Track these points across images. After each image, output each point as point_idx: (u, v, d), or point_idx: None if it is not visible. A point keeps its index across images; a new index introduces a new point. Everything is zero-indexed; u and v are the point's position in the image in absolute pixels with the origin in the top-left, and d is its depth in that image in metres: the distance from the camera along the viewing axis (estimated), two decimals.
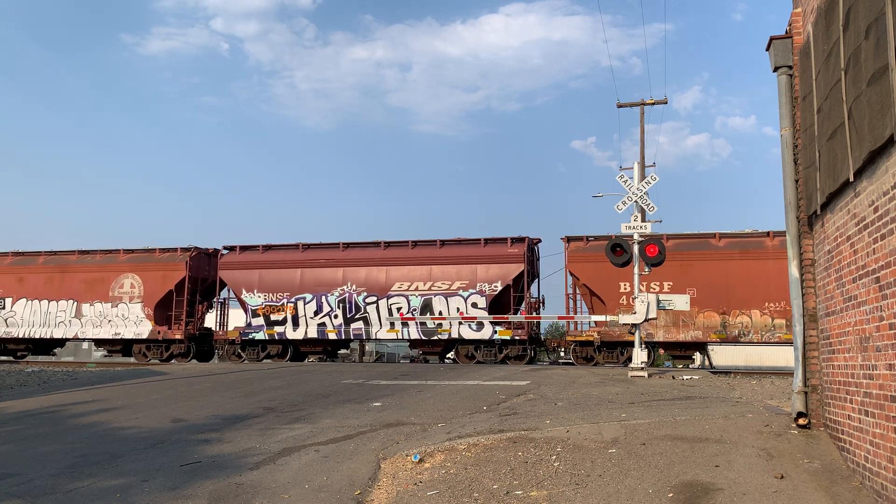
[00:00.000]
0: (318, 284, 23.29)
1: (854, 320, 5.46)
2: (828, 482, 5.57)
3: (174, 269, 24.49)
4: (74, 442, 8.45)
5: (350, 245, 23.72)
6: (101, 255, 25.53)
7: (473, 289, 22.07)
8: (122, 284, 24.80)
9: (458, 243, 22.93)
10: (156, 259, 24.80)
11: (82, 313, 24.98)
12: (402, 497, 5.99)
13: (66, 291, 25.30)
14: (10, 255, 26.51)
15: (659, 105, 31.16)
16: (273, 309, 23.38)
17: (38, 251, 26.33)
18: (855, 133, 4.97)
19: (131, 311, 24.51)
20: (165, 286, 24.42)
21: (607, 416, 8.30)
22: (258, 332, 23.41)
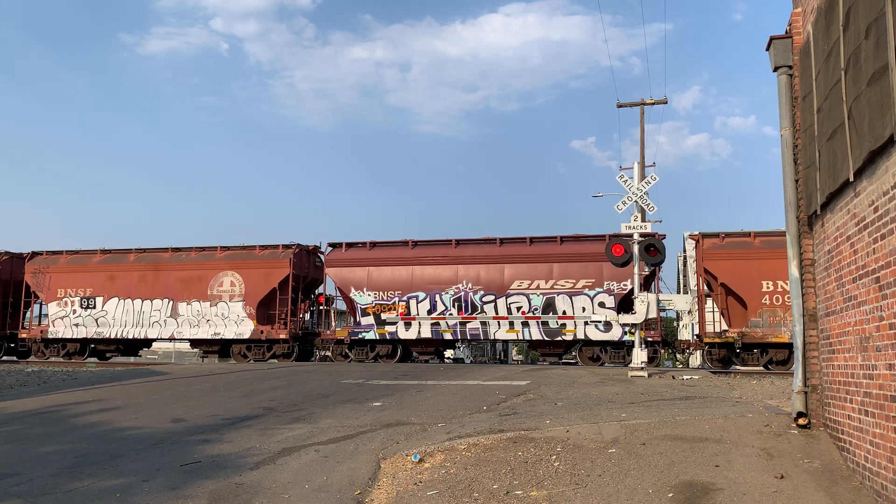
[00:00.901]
0: (430, 283, 22.28)
1: (854, 320, 5.46)
2: (828, 482, 5.57)
3: (277, 267, 23.43)
4: (74, 442, 8.45)
5: (462, 242, 22.61)
6: (197, 252, 24.58)
7: (600, 287, 20.95)
8: (222, 283, 23.75)
9: (579, 240, 21.80)
10: (256, 256, 23.79)
11: (178, 312, 24.01)
12: (402, 497, 5.99)
13: (161, 290, 24.32)
14: (99, 252, 25.46)
15: (659, 105, 31.17)
16: (384, 308, 22.41)
17: (128, 248, 25.35)
18: (855, 133, 4.97)
19: (231, 310, 23.49)
20: (268, 284, 23.39)
21: (607, 416, 8.30)
22: (368, 332, 22.45)
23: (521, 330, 21.30)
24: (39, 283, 25.58)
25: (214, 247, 24.51)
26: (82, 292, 25.00)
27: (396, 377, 14.81)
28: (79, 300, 25.00)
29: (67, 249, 25.78)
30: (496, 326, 21.54)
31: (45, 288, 25.46)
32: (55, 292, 25.38)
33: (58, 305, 25.22)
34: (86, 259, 25.40)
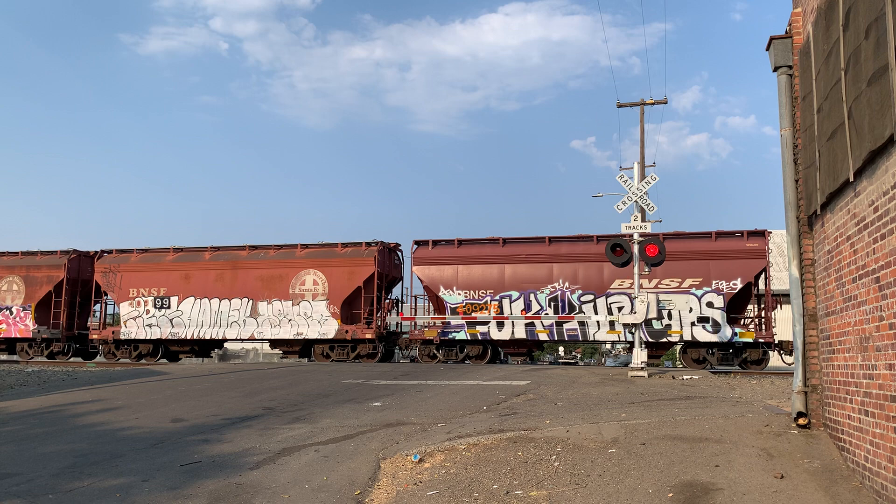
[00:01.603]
0: (524, 281, 21.48)
1: (854, 320, 5.46)
2: (828, 482, 5.57)
3: (362, 265, 22.79)
4: (74, 442, 8.45)
5: (556, 239, 21.81)
6: (276, 250, 23.91)
7: (708, 287, 20.10)
8: (304, 281, 23.03)
9: (681, 237, 21.01)
10: (339, 254, 23.15)
11: (258, 312, 23.25)
12: (402, 497, 5.99)
13: (240, 289, 23.58)
14: (172, 250, 24.84)
15: (659, 105, 31.18)
16: (475, 307, 21.62)
17: (202, 246, 24.71)
18: (855, 133, 4.97)
19: (315, 309, 22.79)
20: (352, 283, 22.75)
21: (607, 416, 8.30)
22: (458, 332, 21.66)
23: (622, 331, 20.29)
24: (110, 282, 24.95)
25: (294, 244, 23.83)
26: (156, 291, 24.36)
27: (396, 377, 14.82)
28: (152, 300, 24.34)
29: (138, 248, 25.21)
30: (595, 327, 20.78)
31: (116, 287, 24.83)
32: (127, 292, 24.75)
33: (130, 305, 24.59)
34: (158, 258, 24.75)
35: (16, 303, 25.76)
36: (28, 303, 25.67)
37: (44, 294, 25.57)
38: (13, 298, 25.85)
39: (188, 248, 24.83)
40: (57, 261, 25.67)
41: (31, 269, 25.84)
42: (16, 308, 25.72)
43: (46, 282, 25.61)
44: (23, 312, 25.60)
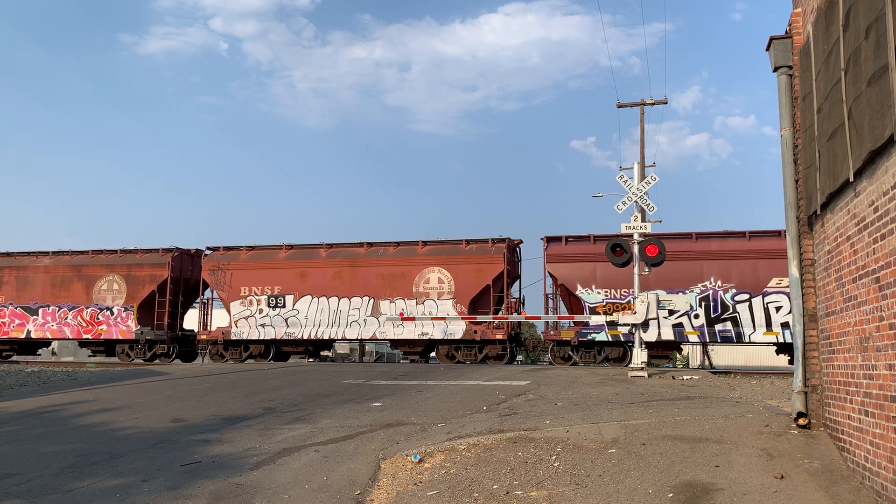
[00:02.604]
0: (671, 280, 20.18)
1: (854, 320, 5.46)
2: (828, 482, 5.57)
3: (490, 262, 21.78)
4: (74, 442, 8.45)
5: (703, 236, 20.75)
6: (395, 247, 22.90)
7: None
8: (428, 279, 22.07)
9: None
10: (464, 251, 22.18)
11: (380, 311, 22.26)
12: (401, 497, 5.99)
13: (360, 287, 22.56)
14: (284, 247, 23.85)
15: (658, 105, 31.17)
16: (616, 307, 20.43)
17: (317, 243, 23.68)
18: (855, 133, 4.97)
19: (441, 308, 21.84)
20: (480, 281, 21.76)
21: (607, 416, 8.30)
22: (598, 333, 20.55)
23: (780, 332, 19.48)
24: (219, 280, 23.90)
25: (416, 241, 22.85)
26: (269, 290, 23.28)
27: (396, 377, 14.81)
28: (266, 299, 23.26)
29: (247, 245, 24.24)
30: (751, 328, 19.77)
31: (226, 286, 23.80)
32: (238, 290, 23.68)
33: (241, 304, 23.55)
34: (271, 255, 23.76)
35: (116, 303, 24.68)
36: (130, 303, 24.55)
37: (147, 294, 24.52)
38: (113, 298, 24.77)
39: (301, 244, 23.83)
40: (160, 259, 24.67)
41: (132, 268, 24.77)
42: (117, 308, 24.64)
43: (149, 281, 24.57)
44: (124, 313, 24.50)
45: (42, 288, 25.54)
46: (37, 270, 25.76)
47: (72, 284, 25.28)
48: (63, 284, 25.37)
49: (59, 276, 25.48)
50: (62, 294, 25.30)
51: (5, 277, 25.98)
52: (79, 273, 25.28)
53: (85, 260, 25.40)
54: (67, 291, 25.24)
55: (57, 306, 25.26)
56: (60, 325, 25.12)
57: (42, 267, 25.71)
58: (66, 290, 25.25)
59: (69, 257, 25.63)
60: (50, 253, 26.01)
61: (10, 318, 25.69)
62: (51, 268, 25.60)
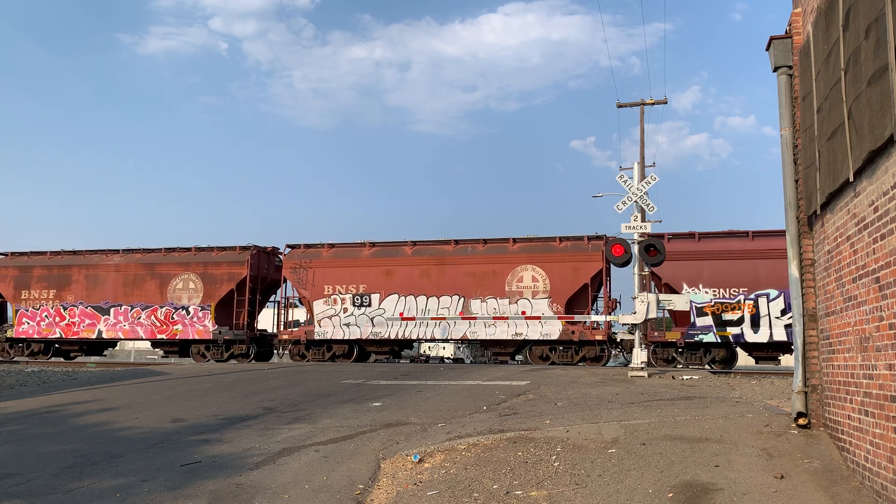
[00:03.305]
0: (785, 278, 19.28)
1: (854, 320, 5.46)
2: (828, 482, 5.57)
3: (587, 260, 20.91)
4: (74, 442, 8.45)
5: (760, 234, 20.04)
6: (484, 244, 22.01)
7: None
8: (521, 278, 21.15)
9: None
10: (559, 249, 21.26)
11: (471, 310, 21.46)
12: (401, 497, 5.99)
13: (449, 286, 21.76)
14: (368, 245, 23.09)
15: (658, 105, 31.18)
16: (725, 307, 19.54)
17: (401, 241, 22.93)
18: (855, 133, 4.97)
19: (535, 308, 21.01)
20: (577, 280, 20.92)
21: (607, 416, 8.30)
22: (706, 334, 19.67)
23: None
24: (301, 279, 23.08)
25: (506, 238, 21.99)
26: (354, 289, 22.44)
27: (396, 377, 14.81)
28: (350, 297, 22.38)
29: (328, 242, 23.49)
30: None
31: (308, 284, 22.94)
32: (321, 289, 22.83)
33: (325, 303, 22.73)
34: (354, 252, 23.05)
35: (193, 302, 23.87)
36: (207, 302, 23.72)
37: (225, 292, 23.67)
38: (190, 297, 23.97)
39: (385, 242, 23.03)
40: (238, 257, 23.85)
41: (208, 266, 23.94)
42: (193, 308, 23.84)
43: (227, 279, 23.70)
44: (201, 312, 23.70)
45: (114, 287, 24.81)
46: (107, 269, 25.02)
47: (145, 283, 24.56)
48: (136, 283, 24.65)
49: (130, 274, 24.75)
50: (135, 293, 24.58)
51: (74, 276, 25.25)
52: (151, 271, 24.57)
53: (158, 258, 24.68)
54: (140, 290, 24.54)
55: (129, 306, 24.55)
56: (133, 324, 24.43)
57: (113, 265, 24.97)
58: (139, 289, 24.56)
59: (140, 255, 24.96)
60: (120, 251, 25.35)
61: (80, 317, 24.97)
62: (122, 266, 24.87)
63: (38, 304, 25.51)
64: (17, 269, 26.00)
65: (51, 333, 25.19)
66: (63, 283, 25.38)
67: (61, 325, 25.15)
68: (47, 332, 25.24)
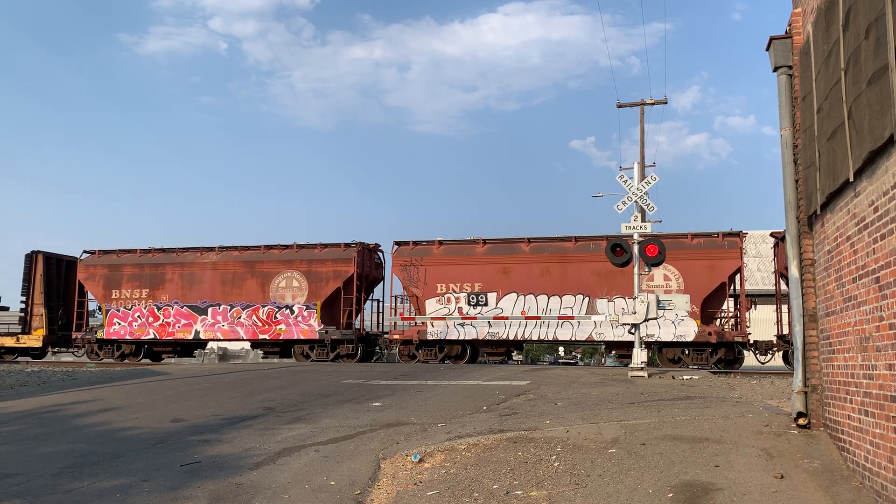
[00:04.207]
0: None
1: (854, 320, 5.46)
2: (828, 482, 5.57)
3: (724, 258, 19.88)
4: (74, 442, 8.45)
5: None
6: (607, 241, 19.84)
7: None
8: (652, 276, 20.11)
9: None
10: (691, 246, 20.26)
11: (597, 310, 20.56)
12: (401, 497, 5.99)
13: (573, 285, 20.78)
14: (481, 241, 22.03)
15: (658, 105, 31.19)
16: None
17: (517, 237, 21.74)
18: (855, 133, 4.97)
19: None
20: (714, 278, 19.85)
21: (607, 416, 8.30)
22: None
23: None
24: (412, 276, 22.07)
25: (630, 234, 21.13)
26: (469, 287, 21.30)
27: (396, 377, 14.81)
28: (465, 296, 21.31)
29: (438, 239, 22.43)
30: None
31: (420, 282, 21.93)
32: (433, 287, 21.77)
33: (438, 302, 21.74)
34: (467, 249, 21.97)
35: (297, 301, 22.85)
36: (312, 300, 22.73)
37: (331, 291, 22.67)
38: (294, 296, 22.94)
39: (499, 238, 21.91)
40: (343, 254, 22.90)
41: (312, 264, 22.93)
42: (297, 307, 22.81)
43: (333, 277, 22.70)
44: (306, 311, 22.69)
45: (211, 285, 23.75)
46: (204, 267, 23.93)
47: (245, 282, 23.46)
48: (235, 282, 23.55)
49: (229, 272, 23.69)
50: (234, 292, 23.50)
51: (168, 275, 24.22)
52: (252, 269, 23.49)
53: (257, 256, 23.67)
54: (240, 289, 23.46)
55: (229, 305, 23.48)
56: (233, 324, 23.40)
57: (210, 263, 23.90)
58: (239, 288, 23.47)
59: (238, 253, 23.97)
60: (216, 248, 24.34)
61: (175, 318, 24.02)
62: (219, 264, 23.80)
63: (130, 304, 24.49)
64: (106, 267, 24.94)
65: (144, 334, 24.19)
66: (156, 281, 24.38)
67: (155, 325, 24.13)
68: (140, 332, 24.24)
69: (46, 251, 26.09)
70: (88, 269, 25.20)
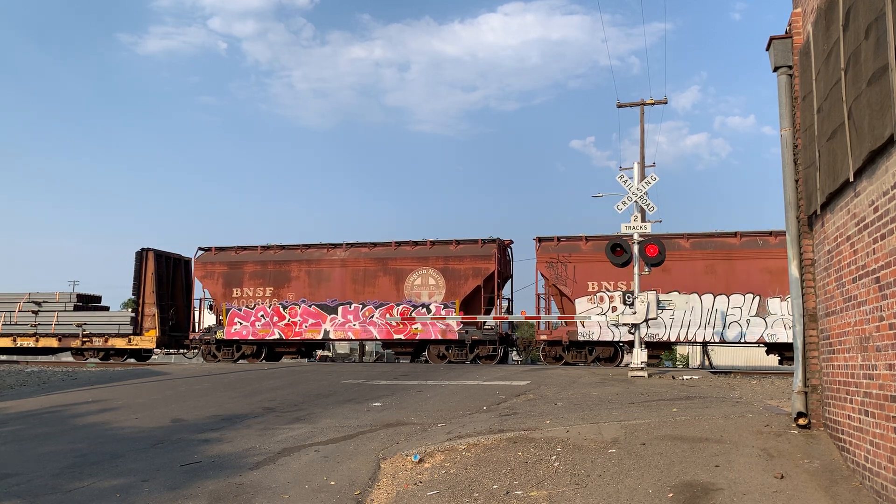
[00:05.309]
0: None
1: (854, 320, 5.46)
2: (828, 482, 5.57)
3: None
4: (74, 442, 8.45)
5: None
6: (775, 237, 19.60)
7: None
8: None
9: None
10: None
11: (768, 310, 19.29)
12: (402, 497, 5.99)
13: (741, 283, 19.62)
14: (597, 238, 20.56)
15: (658, 105, 31.18)
16: None
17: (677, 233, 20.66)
18: (855, 133, 4.97)
19: None
20: None
21: (607, 416, 8.30)
22: None
23: None
24: (559, 274, 21.06)
25: None
26: (624, 285, 20.32)
27: (396, 377, 14.81)
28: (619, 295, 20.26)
29: (584, 235, 21.30)
30: None
31: (569, 280, 20.88)
32: (584, 286, 20.74)
33: (589, 301, 20.85)
34: None
35: (434, 299, 22.01)
36: (450, 299, 21.90)
37: (470, 289, 21.84)
38: (430, 294, 22.10)
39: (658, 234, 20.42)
40: (482, 251, 22.06)
41: (450, 261, 22.10)
42: (434, 305, 21.95)
43: (472, 275, 21.89)
44: (444, 311, 21.83)
45: (340, 283, 22.84)
46: (332, 264, 23.08)
47: (377, 279, 22.61)
48: (366, 279, 22.72)
49: (359, 270, 22.83)
50: (366, 290, 22.65)
51: (294, 273, 23.30)
52: (384, 267, 22.66)
53: (388, 252, 22.86)
54: (372, 287, 22.61)
55: (360, 304, 22.61)
56: (365, 324, 22.49)
57: (338, 261, 23.06)
58: (371, 286, 22.63)
59: (367, 249, 23.15)
60: (344, 245, 23.42)
61: (302, 317, 23.04)
62: (349, 261, 22.99)
63: (253, 303, 23.51)
64: (225, 265, 24.01)
65: (268, 335, 23.21)
66: (280, 279, 23.40)
67: (280, 325, 23.12)
68: (264, 332, 23.24)
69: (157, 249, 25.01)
70: (206, 267, 24.25)
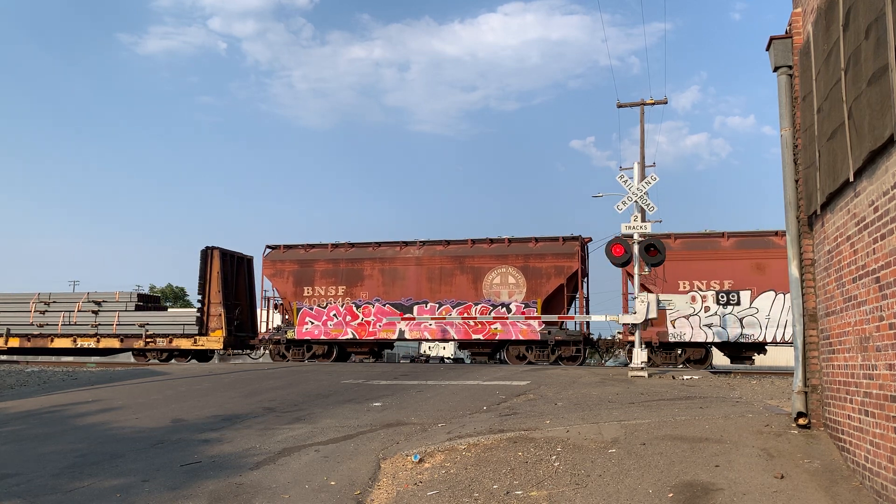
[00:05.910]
0: None
1: (854, 320, 5.46)
2: (828, 482, 5.57)
3: None
4: (74, 442, 8.45)
5: None
6: None
7: None
8: None
9: None
10: None
11: None
12: (402, 497, 5.99)
13: None
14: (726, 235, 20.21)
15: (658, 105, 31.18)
16: None
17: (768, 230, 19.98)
18: (855, 133, 4.97)
19: None
20: None
21: (607, 416, 8.30)
22: None
23: None
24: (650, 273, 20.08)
25: None
26: (717, 285, 19.70)
27: (396, 377, 14.81)
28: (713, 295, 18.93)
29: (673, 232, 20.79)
30: None
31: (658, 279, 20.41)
32: (674, 285, 20.06)
33: None
34: (710, 243, 20.18)
35: (514, 299, 21.46)
36: (532, 298, 21.33)
37: (553, 288, 21.27)
38: (510, 294, 21.58)
39: (747, 231, 20.16)
40: (564, 248, 21.53)
41: (530, 259, 21.52)
42: (514, 305, 21.38)
43: (555, 273, 21.33)
44: (524, 310, 21.28)
45: (416, 282, 22.33)
46: (406, 262, 22.58)
47: (453, 278, 22.04)
48: (442, 278, 22.12)
49: (435, 268, 22.28)
50: (442, 289, 22.07)
51: (367, 271, 22.83)
52: (461, 265, 22.07)
53: (465, 250, 22.30)
54: (449, 286, 22.03)
55: (437, 303, 22.06)
56: (441, 324, 21.96)
57: (413, 258, 22.57)
58: (448, 285, 22.04)
59: (443, 247, 22.59)
60: (418, 242, 22.95)
61: (376, 316, 22.52)
62: (424, 259, 22.43)
63: (325, 302, 23.00)
64: (296, 263, 23.53)
65: (341, 334, 22.71)
66: (353, 278, 22.92)
67: (353, 324, 22.65)
68: (336, 332, 22.75)
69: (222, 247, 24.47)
70: (275, 265, 23.74)
